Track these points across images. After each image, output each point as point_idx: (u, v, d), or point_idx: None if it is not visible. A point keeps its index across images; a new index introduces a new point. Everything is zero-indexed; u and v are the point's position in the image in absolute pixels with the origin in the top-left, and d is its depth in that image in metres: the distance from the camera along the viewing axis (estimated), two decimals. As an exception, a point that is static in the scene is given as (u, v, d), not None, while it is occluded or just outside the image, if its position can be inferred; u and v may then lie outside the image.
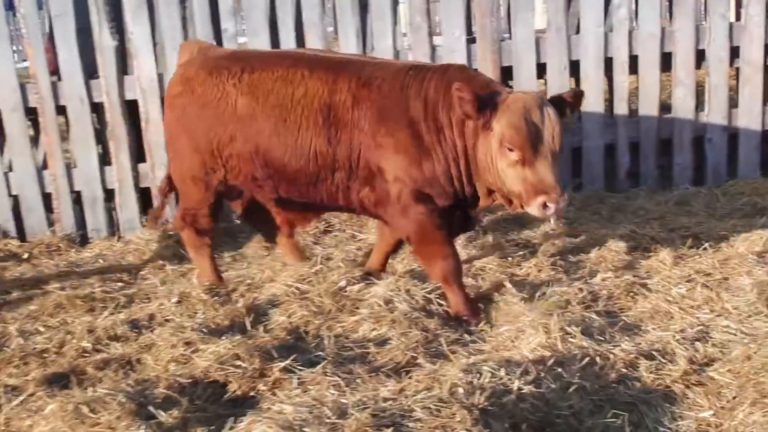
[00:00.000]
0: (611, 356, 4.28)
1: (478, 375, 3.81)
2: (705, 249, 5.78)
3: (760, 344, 4.26)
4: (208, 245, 5.63)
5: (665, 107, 7.28)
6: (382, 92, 4.92)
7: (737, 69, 7.15)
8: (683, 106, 7.08)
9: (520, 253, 5.97)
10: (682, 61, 7.00)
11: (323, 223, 6.66)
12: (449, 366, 4.01)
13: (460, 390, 3.64)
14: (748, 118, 7.10)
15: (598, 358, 4.21)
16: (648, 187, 7.16)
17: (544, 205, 4.57)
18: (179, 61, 5.56)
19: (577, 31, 7.04)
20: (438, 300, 5.05)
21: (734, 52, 7.05)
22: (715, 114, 7.07)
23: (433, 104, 4.85)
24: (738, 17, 7.43)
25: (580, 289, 5.25)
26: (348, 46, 6.86)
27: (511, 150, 4.57)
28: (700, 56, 7.05)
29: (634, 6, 7.39)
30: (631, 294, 5.24)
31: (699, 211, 6.68)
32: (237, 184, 5.37)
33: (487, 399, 3.57)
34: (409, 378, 3.97)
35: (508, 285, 5.26)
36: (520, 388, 3.75)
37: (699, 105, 7.13)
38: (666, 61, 7.05)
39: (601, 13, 6.97)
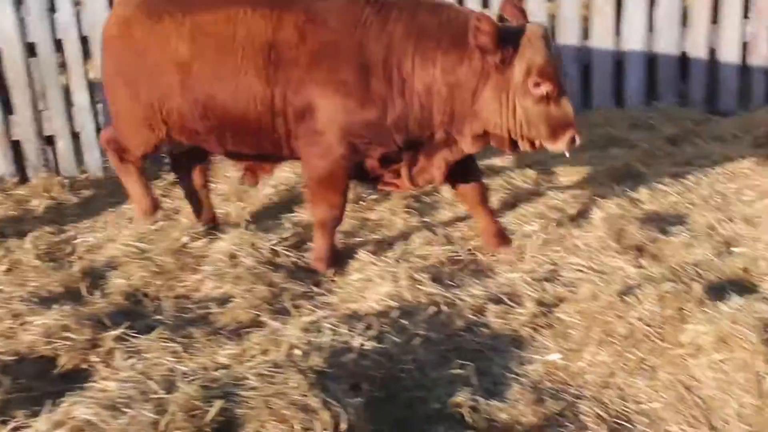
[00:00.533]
0: (459, 303, 4.07)
1: (318, 333, 3.53)
2: (559, 183, 5.64)
3: (608, 281, 4.08)
4: (134, 167, 5.07)
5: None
6: (330, 27, 4.43)
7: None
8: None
9: (374, 196, 5.68)
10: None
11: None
12: (290, 325, 3.71)
13: (297, 352, 3.35)
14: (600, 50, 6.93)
15: (445, 306, 3.98)
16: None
17: (573, 140, 4.32)
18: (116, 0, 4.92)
19: None
20: (286, 252, 4.74)
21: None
22: (568, 48, 6.88)
23: (399, 50, 4.37)
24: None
25: (433, 232, 5.05)
26: None
27: (538, 85, 4.22)
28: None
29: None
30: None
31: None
32: (181, 140, 4.86)
33: (326, 360, 3.29)
34: (248, 340, 3.66)
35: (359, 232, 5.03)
36: (361, 345, 3.48)
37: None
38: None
39: None
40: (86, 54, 6.30)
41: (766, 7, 6.90)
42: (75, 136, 6.36)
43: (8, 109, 6.26)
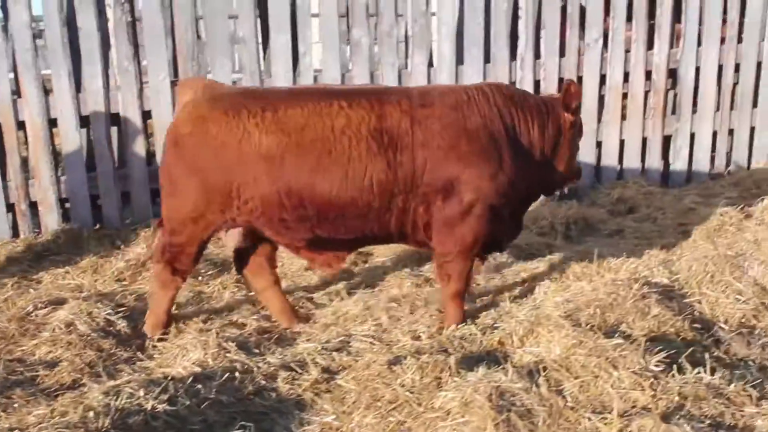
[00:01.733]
0: (255, 369, 4.18)
1: (116, 396, 3.60)
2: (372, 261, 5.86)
3: (382, 352, 4.27)
4: (178, 286, 4.77)
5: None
6: (446, 108, 4.47)
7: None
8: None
9: (211, 272, 5.81)
10: (360, 102, 7.03)
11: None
12: (96, 388, 3.78)
13: (91, 414, 3.43)
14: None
15: (238, 373, 4.08)
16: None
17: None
18: (181, 99, 4.61)
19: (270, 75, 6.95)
20: (119, 320, 4.82)
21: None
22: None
23: (506, 118, 4.57)
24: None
25: (254, 305, 5.20)
26: (61, 87, 6.45)
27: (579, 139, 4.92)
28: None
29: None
30: (298, 307, 5.21)
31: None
32: (252, 224, 4.57)
33: (115, 421, 3.38)
34: (57, 401, 3.71)
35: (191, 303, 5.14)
36: (153, 407, 3.58)
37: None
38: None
39: (289, 61, 6.90)
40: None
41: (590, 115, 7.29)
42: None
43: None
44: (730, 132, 8.09)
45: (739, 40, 7.93)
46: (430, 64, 7.21)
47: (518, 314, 4.62)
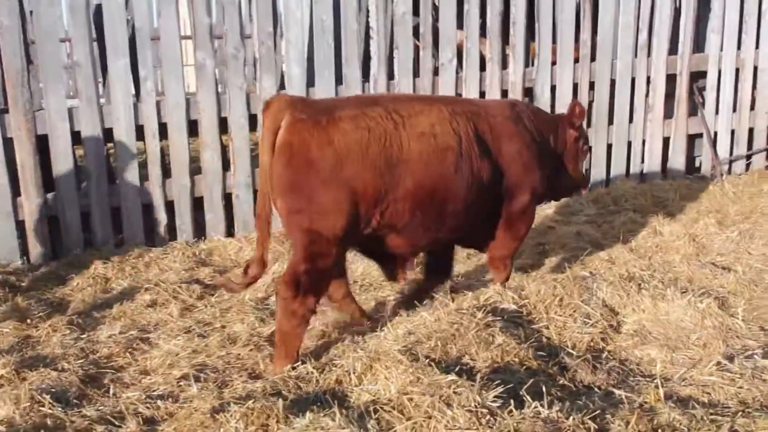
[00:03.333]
0: (68, 423, 3.82)
1: None
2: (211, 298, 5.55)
3: (212, 398, 3.96)
4: (313, 314, 4.47)
5: (198, 169, 6.97)
6: (504, 121, 4.97)
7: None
8: (212, 167, 6.82)
9: (42, 312, 5.40)
10: (207, 127, 6.73)
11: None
12: None
13: None
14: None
15: (45, 431, 3.72)
16: (185, 240, 6.82)
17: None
18: (274, 116, 4.23)
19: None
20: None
21: (253, 120, 6.89)
22: (240, 173, 6.87)
23: (540, 130, 5.20)
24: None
25: (82, 350, 4.82)
26: None
27: (585, 150, 5.59)
28: (225, 122, 6.83)
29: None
30: (131, 350, 4.85)
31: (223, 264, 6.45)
32: (386, 230, 4.53)
33: None
34: None
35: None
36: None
37: (226, 165, 6.91)
38: (194, 127, 6.77)
39: (130, 85, 6.55)
40: None
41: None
42: None
43: None
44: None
45: (593, 59, 7.94)
46: (282, 87, 6.96)
47: (358, 349, 4.38)
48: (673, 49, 8.35)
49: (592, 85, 8.00)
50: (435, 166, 4.51)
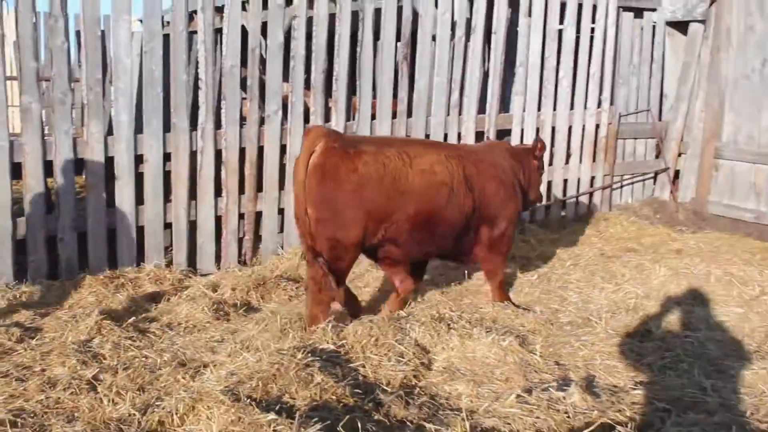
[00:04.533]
0: None
1: None
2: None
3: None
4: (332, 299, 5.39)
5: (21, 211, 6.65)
6: (487, 165, 5.93)
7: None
8: (35, 210, 6.51)
9: None
10: (32, 170, 6.45)
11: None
12: None
13: None
14: (96, 218, 6.73)
15: None
16: (5, 283, 6.45)
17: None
18: (312, 141, 5.16)
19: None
20: None
21: (80, 164, 6.66)
22: (64, 217, 6.60)
23: (515, 167, 6.24)
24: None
25: None
26: None
27: (540, 172, 6.65)
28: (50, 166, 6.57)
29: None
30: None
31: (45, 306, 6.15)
32: (393, 244, 5.51)
33: None
34: None
35: None
36: None
37: (50, 208, 6.63)
38: (18, 170, 6.47)
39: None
40: None
41: (234, 187, 7.15)
42: None
43: None
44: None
45: (409, 115, 8.20)
46: (110, 132, 6.77)
47: (181, 390, 4.29)
48: (481, 109, 8.76)
49: (408, 139, 8.22)
50: (431, 197, 5.45)
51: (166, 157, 6.91)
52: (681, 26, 10.17)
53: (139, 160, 6.83)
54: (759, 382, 4.85)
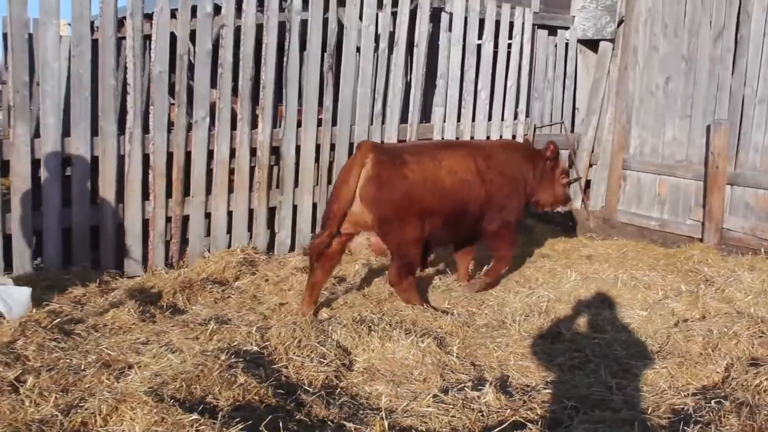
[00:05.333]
0: None
1: None
2: None
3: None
4: (416, 281, 6.24)
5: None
6: (495, 161, 6.59)
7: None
8: (-42, 211, 6.30)
9: None
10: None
11: None
12: None
13: None
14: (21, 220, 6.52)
15: None
16: None
17: (570, 205, 8.27)
18: (365, 157, 5.87)
19: None
20: None
21: (6, 166, 6.46)
22: (-11, 218, 6.40)
23: (522, 165, 6.82)
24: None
25: None
26: None
27: (563, 177, 7.14)
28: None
29: None
30: None
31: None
32: (431, 236, 6.21)
33: None
34: None
35: None
36: None
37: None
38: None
39: None
40: None
41: (161, 191, 7.04)
42: None
43: None
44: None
45: (334, 124, 8.20)
46: (37, 135, 6.59)
47: (104, 391, 4.19)
48: (404, 118, 8.81)
49: (333, 147, 8.23)
50: (459, 192, 6.23)
51: (94, 160, 6.75)
52: (592, 44, 10.41)
53: (66, 162, 6.65)
54: (660, 381, 4.99)
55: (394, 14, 8.54)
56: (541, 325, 5.88)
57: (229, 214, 7.64)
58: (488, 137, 9.52)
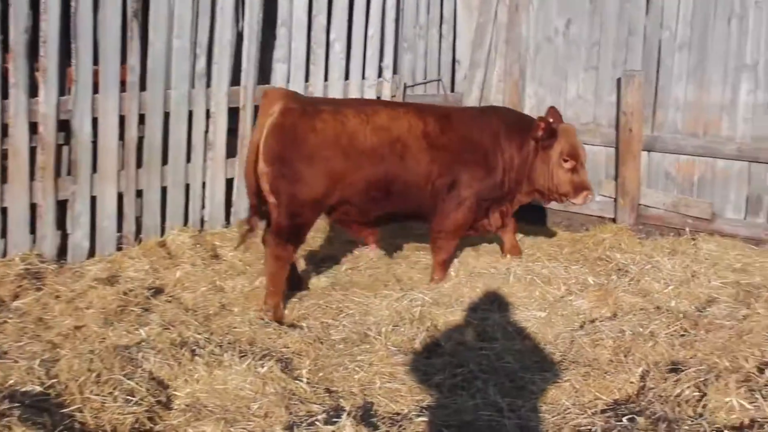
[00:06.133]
0: None
1: None
2: None
3: None
4: (293, 261, 6.80)
5: None
6: (457, 124, 7.06)
7: None
8: None
9: None
10: None
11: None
12: None
13: None
14: None
15: None
16: None
17: (586, 197, 7.23)
18: (271, 106, 6.52)
19: None
20: None
21: None
22: None
23: (498, 138, 7.12)
24: None
25: None
26: None
27: (566, 161, 7.12)
28: None
29: None
30: None
31: None
32: (351, 203, 6.74)
33: None
34: None
35: None
36: None
37: None
38: None
39: None
40: None
41: None
42: None
43: None
44: (139, 193, 8.14)
45: (143, 88, 8.04)
46: None
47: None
48: (236, 80, 8.73)
49: (142, 118, 8.06)
50: (386, 155, 6.64)
51: None
52: (474, -21, 10.58)
53: None
54: (563, 397, 5.16)
55: (216, -56, 8.45)
56: (414, 336, 5.95)
57: (3, 211, 7.38)
58: (346, 100, 9.56)
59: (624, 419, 4.66)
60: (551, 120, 7.17)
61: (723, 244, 8.10)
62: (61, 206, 7.74)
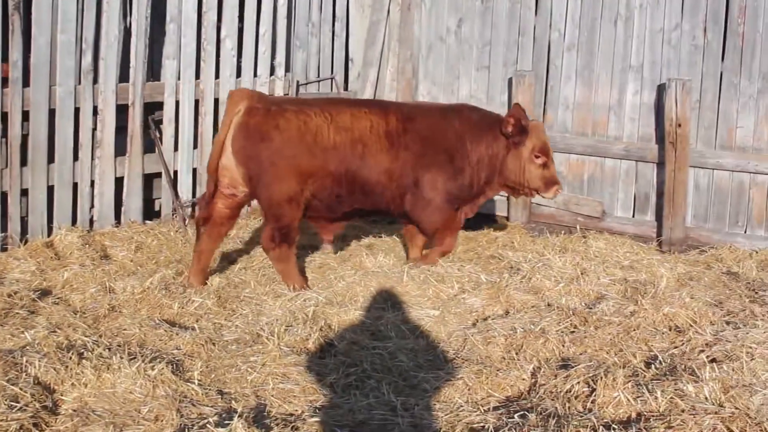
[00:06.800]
0: None
1: None
2: None
3: None
4: (294, 254, 6.99)
5: None
6: (420, 124, 7.17)
7: None
8: None
9: None
10: None
11: None
12: None
13: None
14: None
15: None
16: None
17: (556, 191, 7.48)
18: (236, 106, 6.77)
19: None
20: None
21: None
22: None
23: (464, 137, 7.27)
24: None
25: None
26: None
27: (538, 157, 7.31)
28: None
29: None
30: None
31: None
32: (317, 200, 6.97)
33: None
34: None
35: None
36: None
37: None
38: None
39: None
40: None
41: None
42: None
43: None
44: (24, 192, 7.95)
45: (26, 84, 7.85)
46: None
47: None
48: (124, 76, 8.59)
49: (26, 115, 7.88)
50: (347, 154, 6.85)
51: None
52: (366, -23, 10.63)
53: None
54: (456, 395, 5.21)
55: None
56: (308, 336, 5.94)
57: None
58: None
59: (516, 416, 4.73)
60: (520, 117, 7.27)
61: (612, 242, 8.29)
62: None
